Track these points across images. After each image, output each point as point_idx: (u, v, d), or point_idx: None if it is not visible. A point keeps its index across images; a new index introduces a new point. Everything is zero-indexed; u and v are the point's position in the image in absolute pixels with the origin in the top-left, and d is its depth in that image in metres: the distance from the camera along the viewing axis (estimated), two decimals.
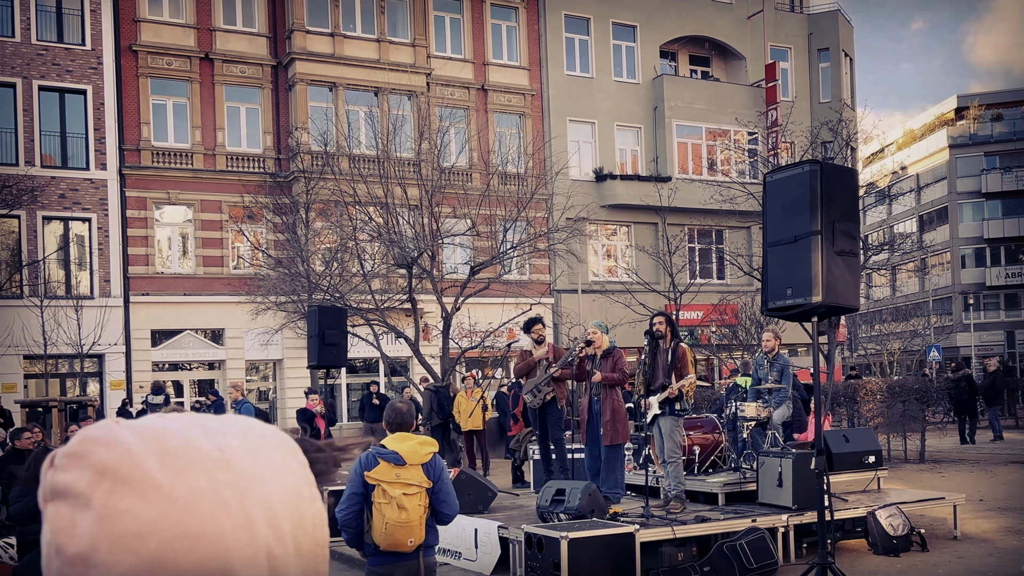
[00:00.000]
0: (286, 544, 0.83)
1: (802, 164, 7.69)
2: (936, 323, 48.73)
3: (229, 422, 0.87)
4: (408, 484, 5.53)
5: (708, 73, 38.23)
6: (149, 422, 0.83)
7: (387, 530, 5.50)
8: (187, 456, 0.80)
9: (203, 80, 29.36)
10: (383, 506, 5.50)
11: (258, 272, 27.15)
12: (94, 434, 0.82)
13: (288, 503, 0.84)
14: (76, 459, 0.80)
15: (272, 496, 0.83)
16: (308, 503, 0.86)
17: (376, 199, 22.27)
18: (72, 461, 0.80)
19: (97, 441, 0.81)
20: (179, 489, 0.78)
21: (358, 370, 30.95)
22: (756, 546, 9.38)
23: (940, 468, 18.32)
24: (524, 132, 33.07)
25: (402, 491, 5.51)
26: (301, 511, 0.85)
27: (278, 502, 0.83)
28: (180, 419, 0.85)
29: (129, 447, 0.80)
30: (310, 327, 14.18)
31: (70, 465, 0.80)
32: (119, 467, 0.78)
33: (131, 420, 0.84)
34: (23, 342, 25.01)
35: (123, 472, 0.78)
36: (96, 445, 0.80)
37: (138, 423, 0.83)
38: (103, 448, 0.80)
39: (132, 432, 0.81)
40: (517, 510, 11.27)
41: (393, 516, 5.48)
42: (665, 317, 10.80)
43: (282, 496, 0.84)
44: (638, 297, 25.40)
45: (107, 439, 0.81)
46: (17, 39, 27.27)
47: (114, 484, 0.78)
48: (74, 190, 27.65)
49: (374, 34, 31.11)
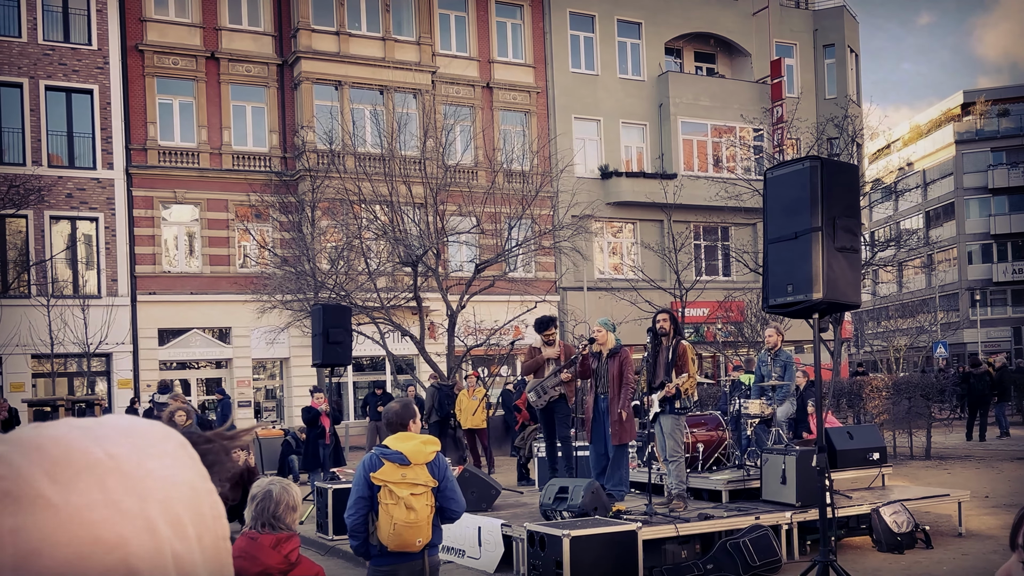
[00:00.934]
0: (189, 542, 0.81)
1: (802, 160, 7.67)
2: (943, 319, 48.63)
3: (110, 424, 0.83)
4: (415, 484, 5.47)
5: (713, 70, 38.19)
6: (30, 433, 0.79)
7: (396, 531, 5.44)
8: (75, 465, 0.76)
9: (209, 79, 29.42)
10: (391, 507, 5.44)
11: (264, 271, 27.21)
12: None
13: (185, 500, 0.82)
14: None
15: (168, 495, 0.80)
16: (205, 496, 0.84)
17: (381, 197, 22.29)
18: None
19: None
20: (72, 501, 0.74)
21: (364, 368, 31.01)
22: (760, 543, 9.38)
23: (946, 464, 18.29)
24: (529, 130, 33.08)
25: (410, 491, 5.45)
26: (199, 506, 0.83)
27: (175, 500, 0.80)
28: (60, 427, 0.80)
29: (13, 464, 0.75)
30: (314, 325, 14.21)
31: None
32: (6, 487, 0.73)
33: (11, 433, 0.80)
34: (31, 341, 25.11)
35: (12, 491, 0.73)
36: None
37: (17, 436, 0.78)
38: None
39: (13, 448, 0.76)
40: (521, 508, 11.29)
41: (402, 516, 5.43)
42: (669, 314, 10.79)
43: (178, 493, 0.81)
44: (644, 294, 25.39)
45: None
46: (24, 39, 27.36)
47: (2, 505, 0.73)
48: (81, 189, 27.73)
49: (379, 32, 31.14)
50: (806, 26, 38.68)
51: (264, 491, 4.54)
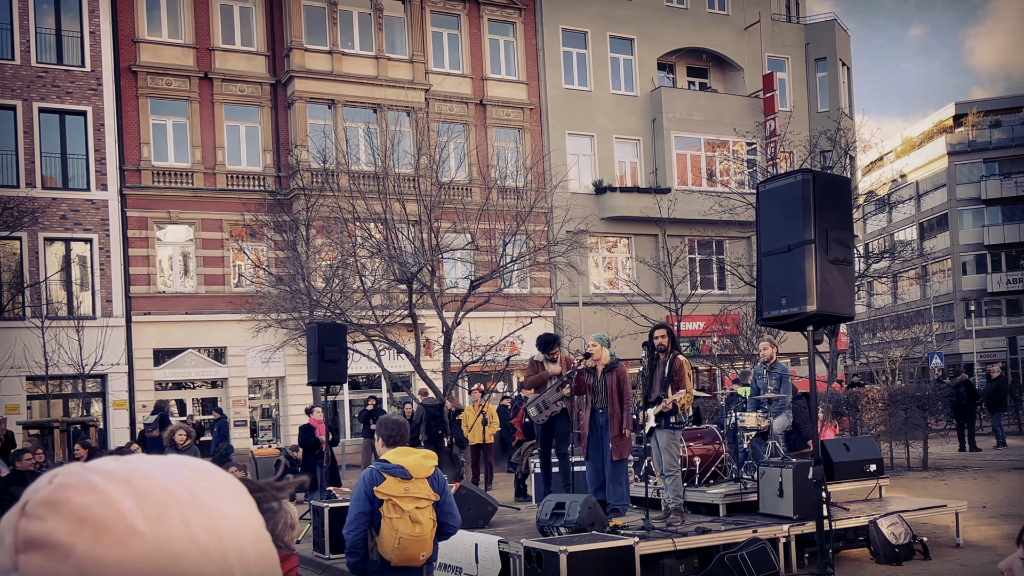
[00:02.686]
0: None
1: (795, 173, 7.70)
2: (938, 330, 48.67)
3: (185, 463, 0.87)
4: (418, 498, 5.43)
5: (706, 84, 38.33)
6: (117, 466, 0.82)
7: (400, 544, 5.37)
8: (161, 499, 0.80)
9: (202, 99, 29.46)
10: (395, 520, 5.37)
11: (259, 290, 27.17)
12: (68, 481, 0.80)
13: (253, 543, 0.85)
14: (53, 507, 0.78)
15: (240, 536, 0.83)
16: (265, 542, 0.87)
17: (376, 215, 22.28)
18: (48, 510, 0.78)
19: (73, 488, 0.79)
20: (159, 534, 0.78)
21: (360, 386, 30.95)
22: (757, 557, 9.36)
23: (943, 475, 18.27)
24: (523, 146, 33.14)
25: (414, 504, 5.40)
26: (262, 550, 0.86)
27: (246, 542, 0.84)
28: (144, 462, 0.84)
29: (106, 493, 0.78)
30: (309, 344, 14.19)
31: (46, 514, 0.77)
32: (99, 514, 0.77)
33: (98, 463, 0.84)
34: (25, 363, 25.04)
35: (103, 519, 0.77)
36: (72, 492, 0.78)
37: (107, 467, 0.82)
38: (79, 495, 0.78)
39: (105, 477, 0.80)
40: (518, 524, 11.25)
41: (407, 530, 5.37)
42: (667, 329, 10.78)
43: (247, 536, 0.85)
44: (639, 309, 25.38)
45: (81, 485, 0.79)
46: (17, 62, 27.39)
47: (95, 532, 0.76)
48: (75, 211, 27.72)
49: (372, 51, 31.22)
50: (798, 40, 38.86)
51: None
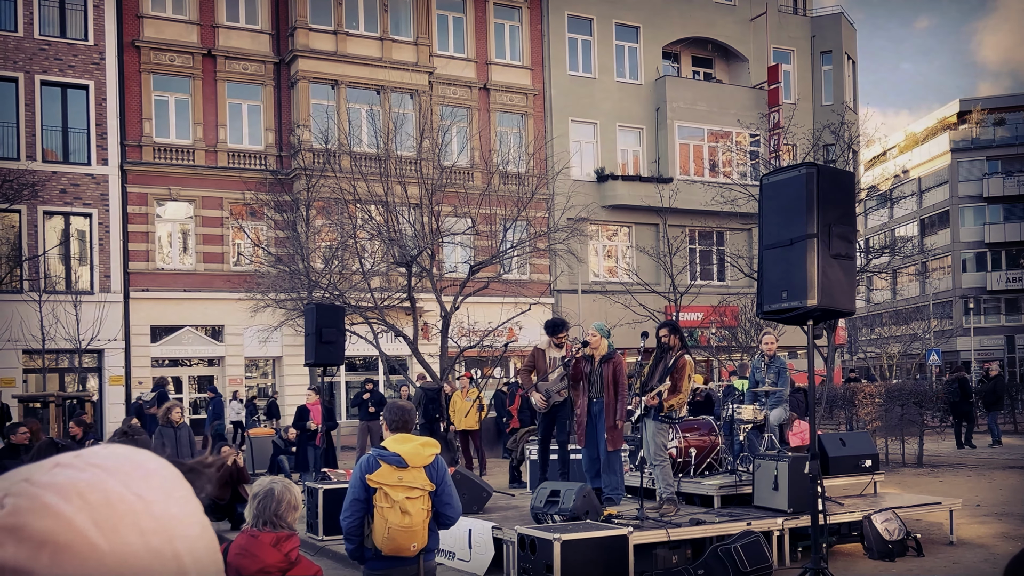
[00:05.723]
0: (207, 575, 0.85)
1: (798, 167, 7.65)
2: (936, 327, 48.69)
3: (127, 460, 0.87)
4: (411, 487, 5.34)
5: (710, 75, 38.20)
6: (66, 477, 0.82)
7: (390, 535, 5.30)
8: (116, 509, 0.80)
9: (205, 77, 29.36)
10: (385, 510, 5.30)
11: (258, 269, 27.15)
12: (21, 504, 0.79)
13: (203, 538, 0.86)
14: (9, 533, 0.78)
15: (190, 535, 0.84)
16: (209, 533, 0.89)
17: (377, 197, 22.24)
18: (5, 535, 0.78)
19: (27, 511, 0.79)
20: (116, 546, 0.78)
21: (357, 368, 30.95)
22: (751, 549, 9.35)
23: (938, 472, 18.28)
24: (526, 132, 33.06)
25: (405, 494, 5.31)
26: (210, 543, 0.87)
27: (195, 539, 0.85)
28: (85, 469, 0.83)
29: (61, 512, 0.79)
30: (307, 325, 14.16)
31: (3, 539, 0.78)
32: (56, 535, 0.77)
33: (38, 474, 0.83)
34: (22, 337, 25.02)
35: (62, 539, 0.77)
36: (28, 516, 0.78)
37: (54, 480, 0.82)
38: (37, 519, 0.78)
39: (57, 494, 0.80)
40: (512, 511, 11.24)
41: (396, 520, 5.29)
42: (670, 328, 10.72)
43: (193, 531, 0.85)
44: (638, 298, 25.38)
45: (36, 507, 0.79)
46: (20, 34, 27.27)
47: (54, 554, 0.76)
48: (75, 185, 27.65)
49: (377, 32, 31.10)
50: (804, 32, 38.72)
51: (266, 490, 4.53)
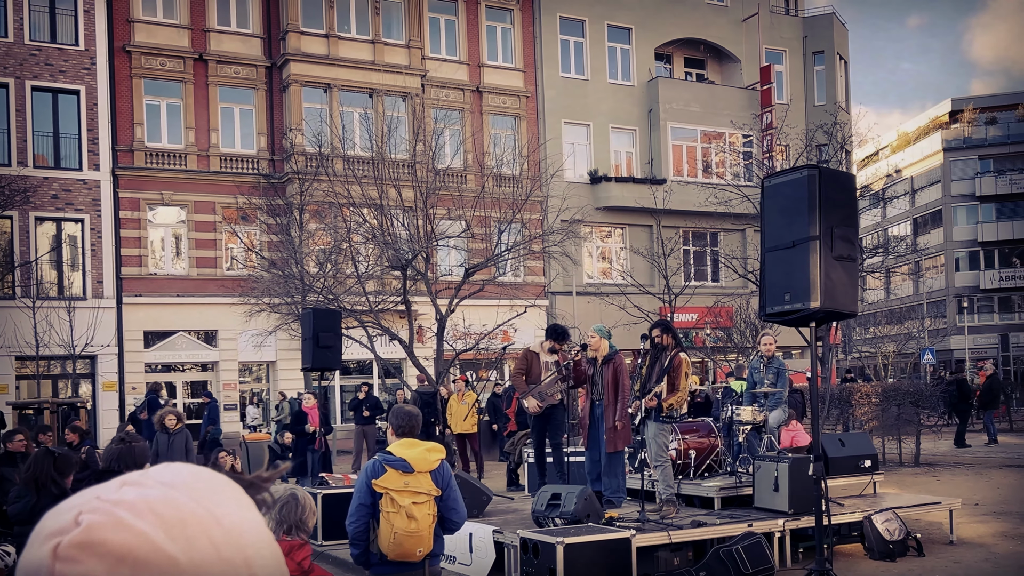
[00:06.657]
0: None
1: (800, 169, 7.64)
2: (930, 326, 48.77)
3: (191, 476, 0.88)
4: (417, 492, 5.33)
5: (703, 75, 38.23)
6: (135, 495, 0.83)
7: (396, 540, 5.30)
8: (187, 524, 0.82)
9: (197, 81, 29.27)
10: (392, 515, 5.30)
11: (251, 273, 27.07)
12: (96, 520, 0.80)
13: (268, 545, 0.88)
14: (87, 549, 0.79)
15: (256, 543, 0.86)
16: (272, 540, 0.90)
17: (370, 201, 22.17)
18: (83, 552, 0.79)
19: (104, 527, 0.80)
20: (193, 559, 0.80)
21: (352, 372, 30.87)
22: (752, 551, 9.33)
23: (935, 472, 18.30)
24: (519, 134, 33.02)
25: (411, 500, 5.31)
26: (274, 550, 0.89)
27: (262, 547, 0.87)
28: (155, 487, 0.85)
29: (137, 527, 0.80)
30: (304, 329, 14.12)
31: (82, 556, 0.78)
32: (135, 550, 0.78)
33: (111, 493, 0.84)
34: (15, 343, 24.89)
35: (140, 554, 0.79)
36: (105, 531, 0.80)
37: (125, 498, 0.83)
38: (114, 534, 0.79)
39: (130, 511, 0.82)
40: (512, 514, 11.20)
41: (402, 526, 5.29)
42: (662, 327, 10.69)
43: (261, 540, 0.87)
44: (633, 299, 25.33)
45: (112, 523, 0.80)
46: (10, 39, 27.15)
47: (134, 568, 0.78)
48: (67, 191, 27.54)
49: (369, 35, 31.04)
50: (795, 33, 38.78)
51: (289, 496, 4.50)
